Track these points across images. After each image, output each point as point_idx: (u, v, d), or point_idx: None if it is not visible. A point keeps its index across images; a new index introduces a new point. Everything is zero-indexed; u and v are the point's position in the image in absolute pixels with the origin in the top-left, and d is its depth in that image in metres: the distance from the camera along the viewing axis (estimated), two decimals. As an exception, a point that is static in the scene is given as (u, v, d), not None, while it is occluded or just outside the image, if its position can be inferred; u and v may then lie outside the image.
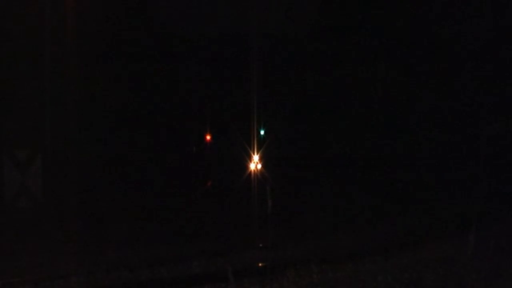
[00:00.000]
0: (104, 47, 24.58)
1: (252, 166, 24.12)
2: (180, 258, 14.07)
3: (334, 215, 22.45)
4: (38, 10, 20.06)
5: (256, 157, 24.33)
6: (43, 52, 20.01)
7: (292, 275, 12.24)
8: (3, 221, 17.89)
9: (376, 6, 31.29)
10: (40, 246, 15.70)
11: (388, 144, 31.62)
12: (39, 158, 18.76)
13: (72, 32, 21.54)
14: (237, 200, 23.74)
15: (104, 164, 24.13)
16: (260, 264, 13.64)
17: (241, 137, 25.36)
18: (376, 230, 18.68)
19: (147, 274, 12.55)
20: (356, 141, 31.58)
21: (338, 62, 31.53)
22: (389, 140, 31.74)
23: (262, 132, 28.78)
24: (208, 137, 30.26)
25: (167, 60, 27.90)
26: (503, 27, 31.01)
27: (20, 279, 12.11)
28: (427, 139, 32.24)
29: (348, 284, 11.59)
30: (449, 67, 32.12)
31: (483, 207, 23.95)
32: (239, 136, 25.73)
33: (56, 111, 20.57)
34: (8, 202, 18.42)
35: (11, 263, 13.67)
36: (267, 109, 28.39)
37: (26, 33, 20.91)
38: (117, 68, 25.38)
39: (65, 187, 21.06)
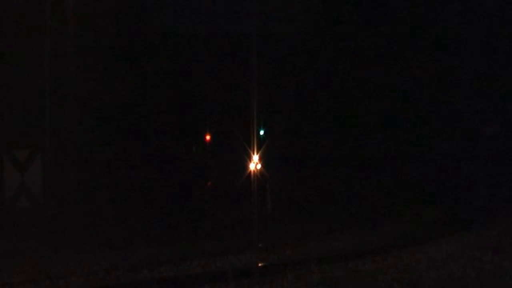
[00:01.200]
0: (103, 46, 24.58)
1: (252, 166, 24.09)
2: (180, 258, 14.06)
3: (334, 215, 22.46)
4: (38, 9, 20.05)
5: (256, 157, 24.30)
6: (43, 52, 20.00)
7: (291, 275, 12.24)
8: (3, 221, 17.89)
9: (375, 5, 31.29)
10: (40, 246, 15.70)
11: (388, 144, 31.63)
12: (39, 158, 18.76)
13: (72, 31, 21.55)
14: (237, 200, 23.75)
15: (104, 164, 24.14)
16: (260, 264, 13.63)
17: (241, 137, 25.33)
18: (377, 230, 18.68)
19: (147, 274, 12.55)
20: (357, 141, 31.59)
21: (338, 61, 31.55)
22: (390, 139, 31.74)
23: (262, 132, 28.79)
24: (208, 137, 30.28)
25: (166, 59, 27.91)
26: (503, 26, 31.03)
27: (20, 279, 12.11)
28: (428, 138, 32.27)
29: (348, 284, 11.60)
30: (448, 66, 32.15)
31: (483, 206, 23.97)
32: (239, 136, 25.71)
33: (56, 110, 20.57)
34: (8, 202, 18.41)
35: (11, 263, 13.66)
36: (267, 109, 28.39)
37: (26, 32, 20.91)
38: (117, 67, 25.38)
39: (65, 187, 21.06)
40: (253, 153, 24.35)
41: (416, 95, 32.21)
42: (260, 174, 24.10)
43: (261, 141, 27.01)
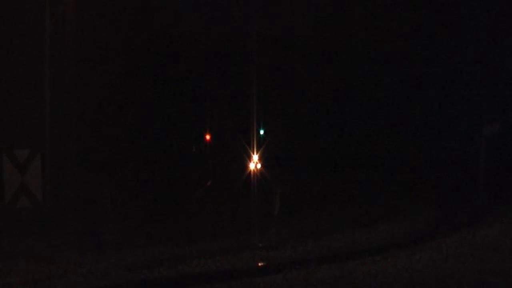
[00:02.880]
0: (104, 46, 24.60)
1: (251, 166, 24.12)
2: (180, 258, 14.07)
3: (334, 215, 22.45)
4: (38, 9, 20.07)
5: (255, 157, 24.33)
6: (43, 52, 20.01)
7: (291, 275, 12.26)
8: (3, 221, 17.90)
9: (375, 7, 31.35)
10: (40, 246, 15.70)
11: (388, 143, 31.65)
12: (39, 158, 18.76)
13: (72, 32, 21.56)
14: (237, 200, 23.75)
15: (104, 163, 24.15)
16: (260, 264, 13.64)
17: (241, 137, 25.37)
18: (377, 230, 18.67)
19: (147, 274, 12.55)
20: (357, 140, 31.62)
21: (338, 61, 31.57)
22: (390, 139, 31.76)
23: (262, 132, 28.82)
24: (208, 137, 30.29)
25: (167, 59, 27.93)
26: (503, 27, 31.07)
27: (20, 279, 12.12)
28: (427, 138, 32.31)
29: (347, 284, 11.61)
30: (448, 66, 32.20)
31: (483, 205, 23.98)
32: (239, 136, 25.74)
33: (56, 110, 20.57)
34: (8, 202, 18.41)
35: (11, 263, 13.67)
36: (267, 109, 28.42)
37: (26, 32, 20.92)
38: (117, 67, 25.40)
39: (65, 187, 21.06)
40: (253, 153, 24.39)
41: (416, 95, 32.24)
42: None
43: (261, 141, 27.04)
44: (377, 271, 12.49)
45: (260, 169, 24.52)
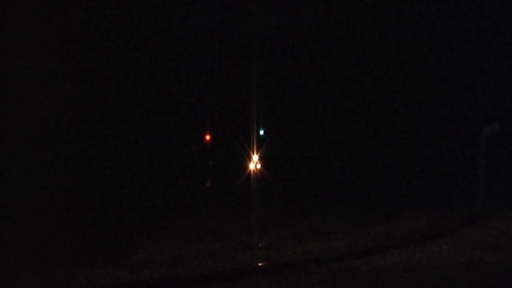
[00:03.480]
0: (102, 45, 24.58)
1: (251, 166, 24.13)
2: (180, 258, 14.09)
3: (334, 215, 22.47)
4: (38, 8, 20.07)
5: (255, 157, 24.34)
6: (43, 51, 20.01)
7: (291, 275, 12.27)
8: (4, 220, 17.91)
9: (373, 7, 31.37)
10: (40, 246, 15.71)
11: (388, 144, 31.65)
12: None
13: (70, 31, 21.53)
14: (237, 200, 23.77)
15: (103, 163, 24.14)
16: (260, 264, 13.66)
17: (241, 137, 25.37)
18: (377, 230, 18.69)
19: (147, 274, 12.57)
20: (356, 140, 31.62)
21: (338, 61, 31.58)
22: (390, 140, 31.77)
23: (261, 132, 28.81)
24: (207, 137, 30.29)
25: (166, 59, 27.93)
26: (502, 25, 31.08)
27: (20, 279, 12.13)
28: (427, 137, 32.31)
29: (347, 284, 11.62)
30: (447, 65, 32.21)
31: (483, 205, 23.99)
32: (238, 136, 25.74)
33: (56, 110, 20.58)
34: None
35: (10, 263, 13.68)
36: (267, 109, 28.41)
37: (25, 32, 20.91)
38: (116, 66, 25.38)
39: (65, 187, 21.06)
40: (253, 153, 24.40)
41: (416, 95, 32.24)
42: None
43: (261, 141, 27.05)
44: (377, 271, 12.51)
45: (260, 169, 24.53)
